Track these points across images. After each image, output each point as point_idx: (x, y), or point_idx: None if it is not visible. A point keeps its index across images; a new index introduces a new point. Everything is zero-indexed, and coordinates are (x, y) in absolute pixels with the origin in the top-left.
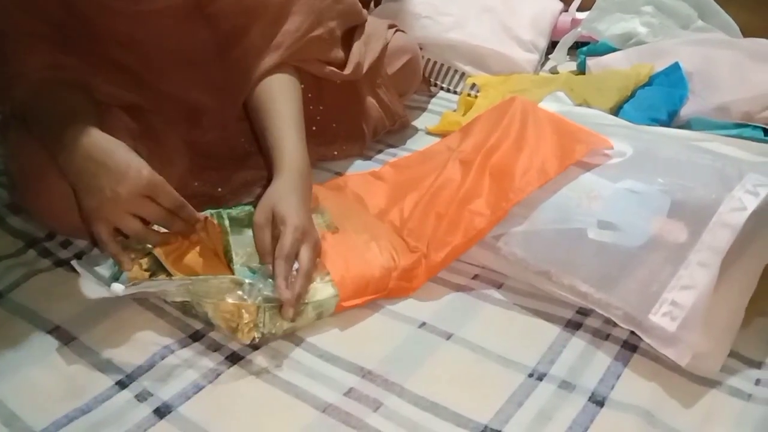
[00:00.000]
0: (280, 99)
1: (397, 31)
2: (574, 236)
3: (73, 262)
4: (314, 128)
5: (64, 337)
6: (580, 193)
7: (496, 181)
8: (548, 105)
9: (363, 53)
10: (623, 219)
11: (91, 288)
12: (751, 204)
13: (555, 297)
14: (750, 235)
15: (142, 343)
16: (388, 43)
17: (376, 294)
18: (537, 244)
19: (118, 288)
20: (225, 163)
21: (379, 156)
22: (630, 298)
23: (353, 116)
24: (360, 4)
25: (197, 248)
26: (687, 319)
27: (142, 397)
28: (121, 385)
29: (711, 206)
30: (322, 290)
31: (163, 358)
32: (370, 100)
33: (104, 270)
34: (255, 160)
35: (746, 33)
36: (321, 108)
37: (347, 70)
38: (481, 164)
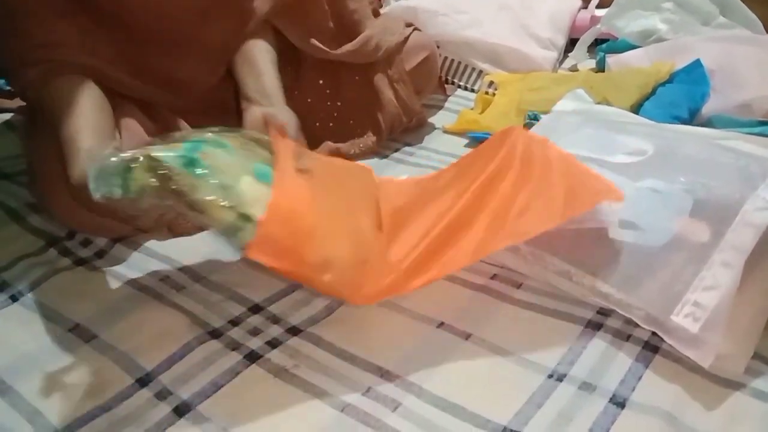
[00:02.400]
0: (258, 56)
1: (414, 29)
2: (595, 236)
3: None
4: (331, 124)
5: (85, 335)
6: None
7: (488, 218)
8: (568, 103)
9: (379, 36)
10: (645, 218)
11: None
12: None
13: (575, 297)
14: None
15: (162, 341)
16: (407, 39)
17: (294, 270)
18: (557, 243)
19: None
20: None
21: (396, 154)
22: (652, 299)
23: (371, 111)
24: None
25: None
26: (710, 320)
27: (161, 395)
28: (141, 383)
29: (734, 205)
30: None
31: (182, 357)
32: (388, 96)
33: (127, 268)
34: None
35: None
36: (338, 104)
37: (348, 47)
38: (473, 199)
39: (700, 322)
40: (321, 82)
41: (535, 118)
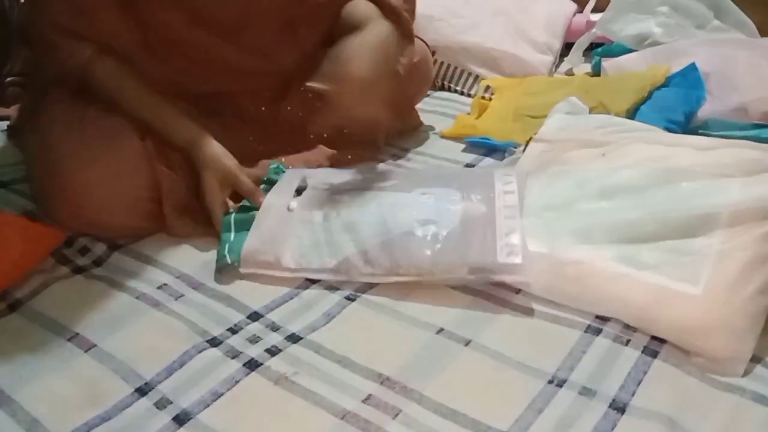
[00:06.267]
0: None
1: None
2: (407, 239)
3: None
4: (325, 135)
5: (84, 344)
6: (385, 207)
7: None
8: (561, 112)
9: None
10: (434, 213)
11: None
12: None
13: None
14: None
15: (161, 349)
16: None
17: None
18: (393, 251)
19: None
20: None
21: (393, 159)
22: (476, 258)
23: (365, 121)
24: None
25: None
26: (523, 251)
27: (161, 404)
28: (141, 392)
29: (488, 187)
30: None
31: (181, 366)
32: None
33: (125, 276)
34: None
35: (763, 32)
36: None
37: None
38: None
39: (519, 255)
40: (311, 95)
41: None
